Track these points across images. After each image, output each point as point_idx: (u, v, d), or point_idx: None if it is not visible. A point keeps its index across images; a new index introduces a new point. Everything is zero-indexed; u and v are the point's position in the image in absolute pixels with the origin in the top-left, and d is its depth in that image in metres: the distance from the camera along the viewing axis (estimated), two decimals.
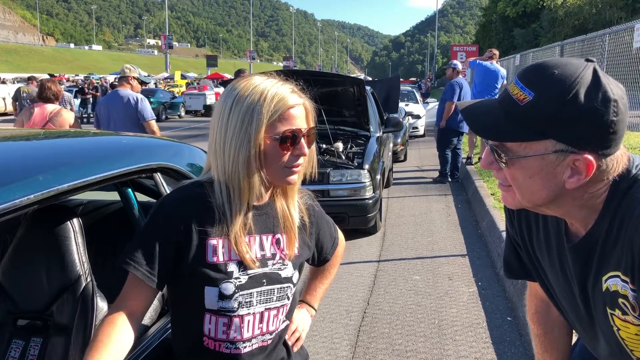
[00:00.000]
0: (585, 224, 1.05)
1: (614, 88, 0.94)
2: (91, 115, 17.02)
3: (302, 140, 1.26)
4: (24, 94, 12.59)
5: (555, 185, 0.99)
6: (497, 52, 9.23)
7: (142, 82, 5.33)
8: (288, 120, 1.23)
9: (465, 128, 8.52)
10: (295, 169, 1.27)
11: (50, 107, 5.00)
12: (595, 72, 0.94)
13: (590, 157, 0.95)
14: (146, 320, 1.61)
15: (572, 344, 1.48)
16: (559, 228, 1.13)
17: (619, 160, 0.99)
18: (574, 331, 1.42)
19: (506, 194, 1.07)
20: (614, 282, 1.00)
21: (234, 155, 1.22)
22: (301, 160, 1.28)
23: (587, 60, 0.97)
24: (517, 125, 0.97)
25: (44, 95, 5.05)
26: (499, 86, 8.78)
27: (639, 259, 0.94)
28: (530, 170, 0.99)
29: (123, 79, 5.23)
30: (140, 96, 5.12)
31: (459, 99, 8.08)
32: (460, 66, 8.60)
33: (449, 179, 8.53)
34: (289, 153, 1.25)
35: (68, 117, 5.03)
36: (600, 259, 1.03)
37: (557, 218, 1.12)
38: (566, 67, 0.95)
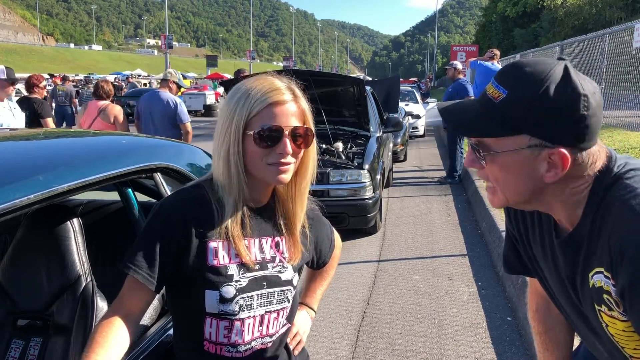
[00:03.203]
0: (571, 221, 1.07)
1: (585, 84, 0.98)
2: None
3: (286, 139, 1.21)
4: (60, 92, 13.63)
5: (534, 180, 1.02)
6: (498, 52, 9.26)
7: (179, 86, 5.99)
8: (269, 116, 1.20)
9: None
10: (280, 168, 1.23)
11: (101, 103, 5.75)
12: (566, 69, 0.98)
13: (564, 150, 0.98)
14: (146, 320, 1.61)
15: (577, 346, 1.48)
16: (549, 224, 1.15)
17: (596, 155, 1.02)
18: (574, 331, 1.43)
19: (492, 195, 1.10)
20: (598, 278, 1.02)
21: (219, 150, 1.23)
22: (288, 159, 1.23)
23: (560, 59, 1.01)
24: (492, 122, 1.01)
25: (98, 93, 5.83)
26: None
27: (615, 256, 0.97)
28: (508, 166, 1.03)
29: (165, 81, 5.90)
30: (179, 100, 5.77)
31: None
32: (460, 66, 8.62)
33: (451, 179, 8.53)
34: (270, 151, 1.21)
35: (114, 110, 5.73)
36: (586, 256, 1.05)
37: (549, 215, 1.14)
38: (537, 66, 1.00)
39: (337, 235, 1.60)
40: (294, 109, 1.23)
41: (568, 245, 1.08)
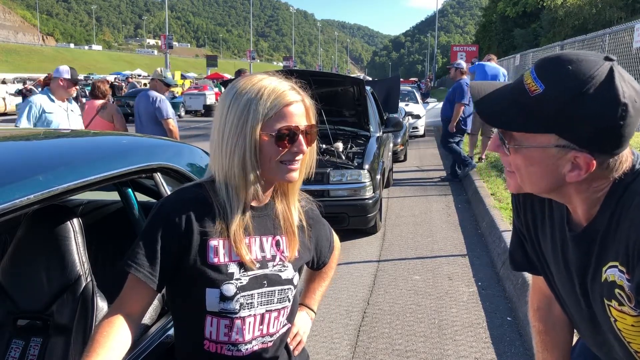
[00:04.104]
0: (588, 216, 1.07)
1: (627, 90, 0.94)
2: None
3: (301, 138, 1.25)
4: None
5: (556, 177, 1.01)
6: (494, 57, 9.62)
7: (166, 84, 5.92)
8: (285, 117, 1.23)
9: (469, 127, 8.57)
10: (292, 166, 1.26)
11: (99, 102, 5.90)
12: (610, 71, 0.94)
13: (591, 155, 0.96)
14: (146, 320, 1.61)
15: (573, 344, 1.48)
16: (562, 218, 1.15)
17: (623, 159, 1.00)
18: (574, 331, 1.43)
19: (510, 178, 1.10)
20: (612, 272, 1.02)
21: (231, 152, 1.23)
22: (299, 157, 1.27)
23: (607, 58, 0.96)
24: (523, 116, 0.99)
25: (94, 92, 5.99)
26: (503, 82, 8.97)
27: (632, 249, 0.96)
28: (532, 159, 1.01)
29: (152, 80, 5.93)
30: (161, 97, 5.72)
31: (469, 100, 8.12)
32: (464, 66, 8.61)
33: (457, 174, 8.54)
34: (286, 150, 1.24)
35: (112, 109, 5.94)
36: (600, 250, 1.05)
37: (562, 209, 1.14)
38: (581, 64, 0.95)
39: (336, 237, 1.61)
40: (302, 108, 1.27)
41: (582, 238, 1.08)
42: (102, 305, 1.56)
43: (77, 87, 5.27)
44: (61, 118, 4.85)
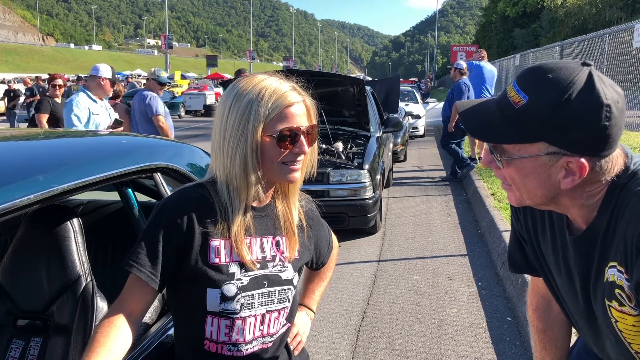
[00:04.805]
0: (587, 221, 1.08)
1: (609, 92, 0.96)
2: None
3: (302, 138, 1.25)
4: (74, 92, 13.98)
5: (551, 185, 1.02)
6: (485, 53, 9.78)
7: (160, 83, 5.93)
8: (287, 118, 1.23)
9: None
10: (294, 167, 1.26)
11: (112, 102, 6.05)
12: (590, 76, 0.96)
13: (583, 159, 0.97)
14: (146, 320, 1.61)
15: (571, 345, 1.48)
16: (561, 222, 1.15)
17: (614, 161, 1.02)
18: (573, 330, 1.43)
19: (510, 193, 1.11)
20: (612, 272, 1.03)
21: (232, 153, 1.23)
22: (301, 158, 1.27)
23: (584, 64, 0.98)
24: (511, 128, 1.00)
25: None
26: (494, 84, 9.24)
27: (630, 250, 0.97)
28: (525, 170, 1.03)
29: (148, 79, 6.04)
30: (152, 94, 5.75)
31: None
32: (464, 66, 8.62)
33: (457, 175, 8.54)
34: (287, 151, 1.24)
35: (122, 110, 6.13)
36: (601, 250, 1.05)
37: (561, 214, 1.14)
38: (560, 72, 0.97)
39: (334, 237, 1.61)
40: (303, 109, 1.26)
41: (582, 242, 1.09)
42: (102, 305, 1.56)
43: (113, 88, 5.20)
44: (106, 118, 4.82)
